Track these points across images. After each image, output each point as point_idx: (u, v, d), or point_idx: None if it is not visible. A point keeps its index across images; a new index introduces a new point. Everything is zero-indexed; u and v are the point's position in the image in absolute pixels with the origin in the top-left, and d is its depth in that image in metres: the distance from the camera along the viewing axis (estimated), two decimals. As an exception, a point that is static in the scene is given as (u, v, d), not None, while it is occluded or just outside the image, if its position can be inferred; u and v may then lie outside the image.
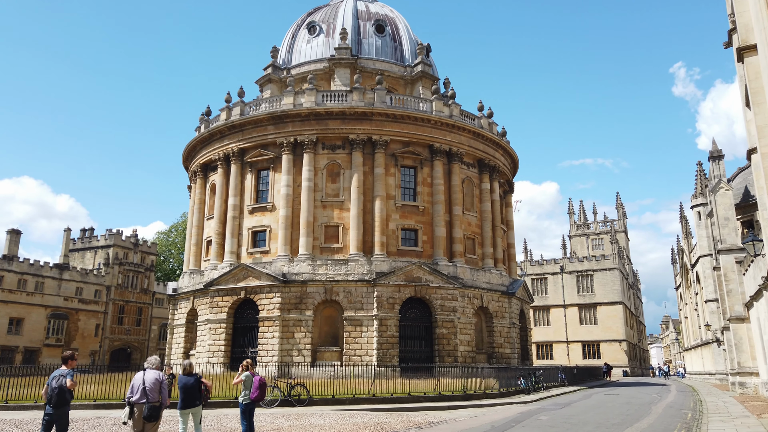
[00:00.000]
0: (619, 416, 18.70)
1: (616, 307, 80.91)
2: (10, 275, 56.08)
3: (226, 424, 15.52)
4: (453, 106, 43.68)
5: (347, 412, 17.87)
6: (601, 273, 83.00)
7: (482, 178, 45.19)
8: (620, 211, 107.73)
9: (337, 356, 36.95)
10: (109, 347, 63.89)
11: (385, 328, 36.97)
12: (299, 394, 20.83)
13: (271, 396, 19.99)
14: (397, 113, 41.13)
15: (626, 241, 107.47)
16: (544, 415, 18.12)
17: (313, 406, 20.20)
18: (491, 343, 41.63)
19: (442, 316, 38.42)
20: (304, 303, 37.61)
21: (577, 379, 45.09)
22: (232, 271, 39.55)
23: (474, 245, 43.44)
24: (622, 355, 79.32)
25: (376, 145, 40.54)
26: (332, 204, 40.16)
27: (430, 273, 38.76)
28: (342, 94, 41.86)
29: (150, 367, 10.09)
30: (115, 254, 65.99)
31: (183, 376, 11.29)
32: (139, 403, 9.61)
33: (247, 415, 12.74)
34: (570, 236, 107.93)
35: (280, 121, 41.48)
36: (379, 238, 39.17)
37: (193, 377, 11.23)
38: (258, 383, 12.90)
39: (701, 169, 49.28)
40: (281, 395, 20.55)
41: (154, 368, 10.04)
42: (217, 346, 38.84)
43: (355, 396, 21.70)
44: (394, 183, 40.94)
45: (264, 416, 16.67)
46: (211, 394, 13.63)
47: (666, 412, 20.69)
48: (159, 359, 10.51)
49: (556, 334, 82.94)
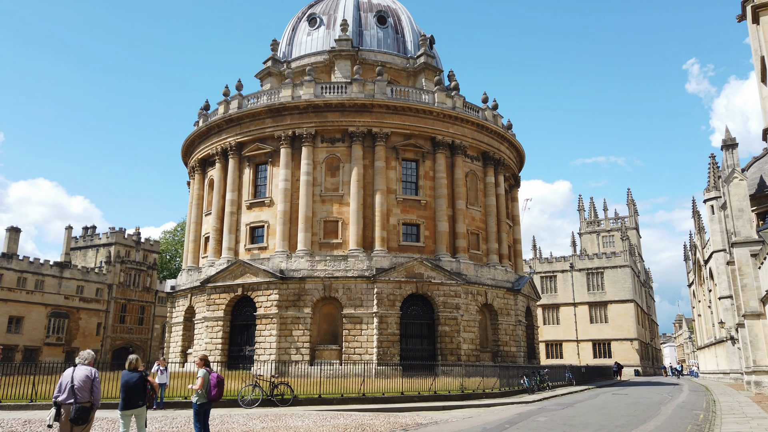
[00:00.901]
0: (625, 417, 17.44)
1: (628, 305, 79.22)
2: (9, 273, 55.57)
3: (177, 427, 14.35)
4: (456, 98, 42.48)
5: (331, 413, 16.72)
6: (612, 270, 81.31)
7: (486, 172, 43.93)
8: (631, 208, 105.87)
9: (336, 355, 35.89)
10: (111, 346, 63.27)
11: (386, 325, 35.85)
12: (282, 393, 19.64)
13: (252, 395, 18.86)
14: (397, 105, 39.99)
15: (638, 239, 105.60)
16: (543, 416, 16.90)
17: (297, 406, 19.02)
18: (496, 341, 40.37)
19: (444, 313, 37.23)
20: (302, 300, 36.59)
21: (585, 378, 43.69)
22: (229, 268, 38.62)
23: (478, 240, 42.20)
24: (633, 354, 77.63)
25: (376, 137, 39.43)
26: (331, 198, 39.10)
27: (432, 269, 37.58)
28: (341, 86, 40.79)
29: (82, 362, 9.01)
30: (116, 252, 65.37)
31: (126, 373, 10.09)
32: (66, 404, 8.53)
33: (201, 417, 11.56)
34: (580, 234, 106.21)
35: (278, 114, 40.50)
36: (379, 233, 38.04)
37: (138, 374, 10.02)
38: (216, 381, 11.68)
39: (714, 161, 47.74)
40: (262, 395, 19.41)
41: (86, 364, 8.98)
42: (214, 345, 37.91)
43: (344, 396, 20.52)
44: (395, 177, 39.80)
45: (239, 417, 15.55)
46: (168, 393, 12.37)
47: (676, 413, 19.39)
48: (93, 354, 9.45)
49: (565, 332, 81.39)
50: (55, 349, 56.33)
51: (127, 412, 9.98)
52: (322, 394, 20.18)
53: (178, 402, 18.45)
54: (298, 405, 19.11)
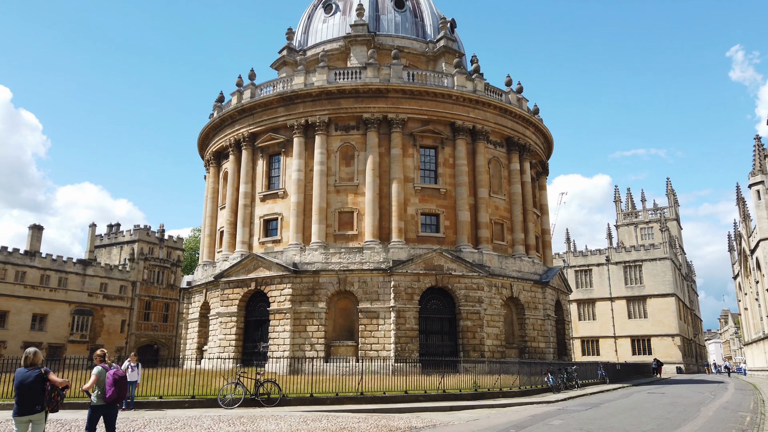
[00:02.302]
0: (656, 421, 15.23)
1: (668, 299, 75.33)
2: (32, 271, 55.80)
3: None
4: (477, 81, 40.31)
5: (317, 414, 14.95)
6: (651, 263, 77.50)
7: (511, 158, 41.60)
8: (671, 198, 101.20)
9: (352, 351, 34.24)
10: (135, 343, 63.08)
11: (404, 320, 34.02)
12: (269, 392, 17.95)
13: (233, 395, 17.19)
14: (414, 89, 38.05)
15: (678, 230, 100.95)
16: (559, 419, 14.82)
17: (285, 406, 17.29)
18: (523, 336, 38.09)
19: (466, 307, 35.18)
20: (316, 294, 35.07)
21: (620, 375, 40.97)
22: (242, 262, 37.38)
23: (502, 231, 39.95)
24: (675, 350, 73.78)
25: (392, 124, 37.60)
26: (346, 188, 37.45)
27: (453, 260, 35.56)
28: (355, 71, 39.09)
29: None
30: (140, 249, 65.20)
31: (22, 371, 8.21)
32: None
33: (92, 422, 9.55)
34: (617, 226, 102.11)
35: (291, 102, 39.04)
36: (396, 223, 36.22)
37: (36, 371, 8.15)
38: (112, 379, 9.61)
39: (759, 143, 44.36)
40: (245, 394, 17.61)
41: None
42: (228, 341, 36.76)
43: (339, 395, 18.74)
44: (412, 164, 37.89)
45: (207, 419, 13.71)
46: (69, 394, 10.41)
47: (718, 415, 17.04)
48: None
49: (602, 328, 77.99)
50: (79, 347, 56.34)
51: (21, 419, 8.12)
52: (315, 393, 18.40)
53: (152, 402, 16.98)
54: (286, 405, 17.39)
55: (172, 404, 16.73)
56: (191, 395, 17.01)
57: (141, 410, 16.11)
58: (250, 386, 17.73)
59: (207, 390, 17.90)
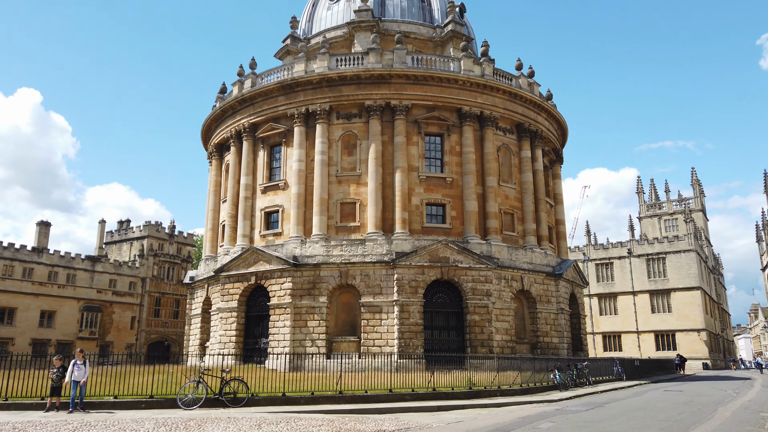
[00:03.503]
0: (662, 423, 13.56)
1: (693, 292, 72.52)
2: (40, 267, 55.64)
3: None
4: (485, 65, 38.58)
5: (279, 416, 13.43)
6: (675, 255, 74.71)
7: (522, 145, 39.81)
8: (696, 188, 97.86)
9: (355, 347, 32.97)
10: (146, 340, 62.74)
11: (407, 314, 32.59)
12: (235, 391, 16.68)
13: (194, 394, 15.83)
14: (418, 74, 36.50)
15: (704, 221, 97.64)
16: (549, 422, 13.22)
17: (253, 406, 15.87)
18: (535, 331, 36.37)
19: (473, 300, 33.61)
20: (317, 288, 33.84)
21: (639, 372, 38.95)
22: (242, 256, 36.32)
23: (513, 221, 38.23)
24: (701, 345, 71.02)
25: (395, 111, 36.13)
26: (348, 179, 36.12)
27: (459, 252, 33.99)
28: (357, 57, 37.68)
29: None
30: (149, 245, 64.77)
31: None
32: None
33: None
34: (639, 217, 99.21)
35: (291, 91, 37.81)
36: (400, 214, 34.78)
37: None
38: None
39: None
40: (208, 393, 16.07)
41: None
42: (228, 337, 35.76)
43: (315, 394, 17.31)
44: (417, 153, 36.40)
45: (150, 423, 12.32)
46: None
47: (736, 417, 15.30)
48: None
49: (624, 323, 75.51)
50: (88, 343, 55.99)
51: None
52: (288, 392, 16.98)
53: (106, 402, 15.52)
54: (254, 405, 15.98)
55: (128, 405, 15.38)
56: (149, 395, 15.72)
57: (91, 412, 14.83)
58: (215, 385, 16.39)
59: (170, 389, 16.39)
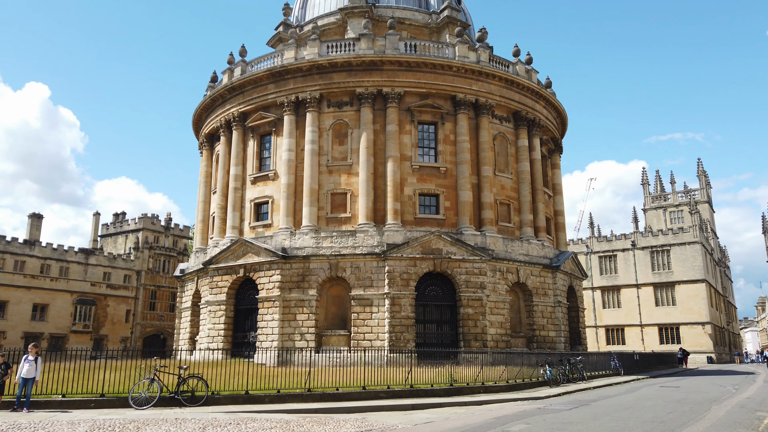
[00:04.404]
0: (647, 425, 12.54)
1: (698, 285, 71.27)
2: (32, 260, 55.05)
3: None
4: (480, 51, 37.45)
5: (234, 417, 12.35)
6: (680, 248, 73.42)
7: (519, 134, 38.72)
8: (702, 180, 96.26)
9: (345, 341, 32.14)
10: (141, 333, 62.15)
11: (399, 308, 31.70)
12: (193, 389, 15.56)
13: (147, 392, 14.88)
14: (411, 60, 35.44)
15: (710, 213, 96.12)
16: (523, 424, 12.23)
17: (212, 405, 14.88)
18: (531, 324, 35.41)
19: (467, 293, 32.66)
20: (306, 281, 32.98)
21: (639, 366, 37.92)
22: (231, 248, 35.49)
23: (509, 212, 37.21)
24: (705, 339, 69.85)
25: (387, 98, 35.11)
26: (339, 168, 35.18)
27: (453, 243, 33.03)
28: (349, 44, 36.65)
29: None
30: (144, 238, 64.09)
31: None
32: None
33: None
34: (644, 209, 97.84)
35: (281, 78, 36.85)
36: (392, 205, 33.83)
37: None
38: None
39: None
40: (162, 392, 14.99)
41: None
42: (217, 331, 35.00)
43: (281, 392, 16.38)
44: (410, 142, 35.39)
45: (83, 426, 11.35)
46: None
47: (730, 416, 14.30)
48: None
49: (627, 317, 74.41)
50: (82, 337, 55.51)
51: None
52: (252, 390, 16.04)
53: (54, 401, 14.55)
54: (214, 404, 15.02)
55: (76, 404, 14.37)
56: (100, 393, 14.82)
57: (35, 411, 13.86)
58: (171, 382, 15.46)
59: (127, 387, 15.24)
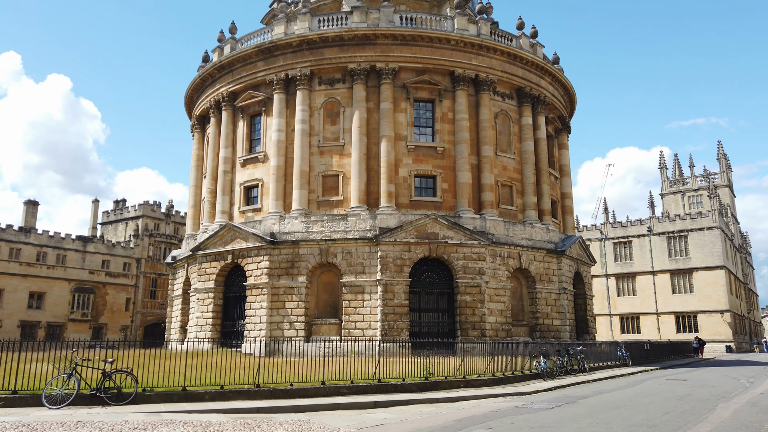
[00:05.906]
0: (636, 428, 10.65)
1: (717, 272, 68.59)
2: (27, 248, 54.24)
3: None
4: (481, 23, 35.34)
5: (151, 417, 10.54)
6: (698, 233, 70.69)
7: (522, 112, 36.61)
8: (722, 163, 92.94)
9: (336, 330, 30.61)
10: (141, 322, 61.31)
11: (392, 295, 30.02)
12: (119, 386, 13.74)
13: (64, 389, 13.27)
14: (406, 33, 33.46)
15: (731, 198, 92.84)
16: (485, 428, 10.40)
17: (142, 404, 13.12)
18: (534, 312, 33.54)
19: (465, 280, 30.88)
20: (296, 267, 31.43)
21: (649, 356, 35.84)
22: (219, 233, 34.04)
23: (511, 194, 35.23)
24: (724, 328, 67.27)
25: (381, 74, 33.22)
26: (331, 149, 33.46)
27: (450, 227, 31.21)
28: (341, 17, 34.74)
29: None
30: (144, 225, 63.10)
31: None
32: None
33: None
34: (662, 194, 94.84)
35: (270, 55, 35.13)
36: (386, 187, 32.05)
37: None
38: None
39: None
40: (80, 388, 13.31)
41: None
42: (205, 319, 33.65)
43: (225, 388, 14.65)
44: (405, 120, 33.52)
45: None
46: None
47: (737, 417, 12.41)
48: None
49: (643, 304, 72.03)
50: (80, 325, 54.78)
51: None
52: (191, 386, 14.33)
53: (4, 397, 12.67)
54: (144, 402, 13.29)
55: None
56: (12, 389, 13.27)
57: None
58: (94, 378, 13.83)
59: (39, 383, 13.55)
